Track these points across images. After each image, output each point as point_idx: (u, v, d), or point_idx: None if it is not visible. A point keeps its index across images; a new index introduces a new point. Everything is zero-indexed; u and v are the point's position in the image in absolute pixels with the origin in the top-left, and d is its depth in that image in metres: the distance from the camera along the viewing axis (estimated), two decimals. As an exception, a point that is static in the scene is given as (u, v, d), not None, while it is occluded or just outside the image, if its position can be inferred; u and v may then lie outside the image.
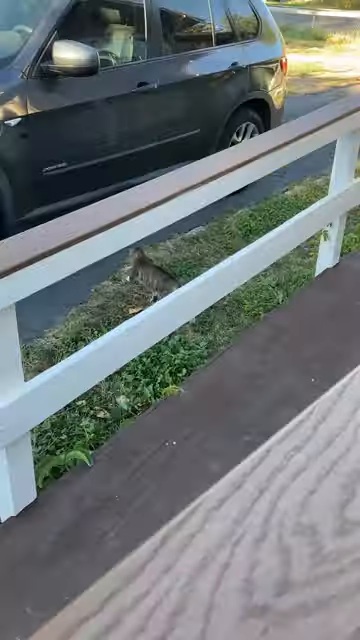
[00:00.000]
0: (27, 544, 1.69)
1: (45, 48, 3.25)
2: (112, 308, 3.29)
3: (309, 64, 11.40)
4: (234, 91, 4.51)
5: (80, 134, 3.53)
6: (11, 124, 3.13)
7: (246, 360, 2.42)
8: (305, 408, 1.87)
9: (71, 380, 1.73)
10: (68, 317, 3.19)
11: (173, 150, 4.19)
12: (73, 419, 2.41)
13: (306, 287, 2.97)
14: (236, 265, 2.28)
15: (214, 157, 2.07)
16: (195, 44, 4.32)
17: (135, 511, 1.78)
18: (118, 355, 1.87)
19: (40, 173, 3.36)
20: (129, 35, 3.87)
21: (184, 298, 2.07)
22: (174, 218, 1.87)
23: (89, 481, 1.88)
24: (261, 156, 2.13)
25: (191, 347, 2.92)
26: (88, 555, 1.66)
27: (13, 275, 1.42)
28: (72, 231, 1.55)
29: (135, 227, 1.71)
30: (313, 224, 2.70)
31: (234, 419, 2.12)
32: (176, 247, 4.02)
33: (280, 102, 5.07)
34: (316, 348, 2.50)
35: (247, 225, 4.33)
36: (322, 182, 5.28)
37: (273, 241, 2.45)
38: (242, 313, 3.29)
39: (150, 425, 2.10)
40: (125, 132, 3.79)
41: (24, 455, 1.71)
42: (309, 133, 2.35)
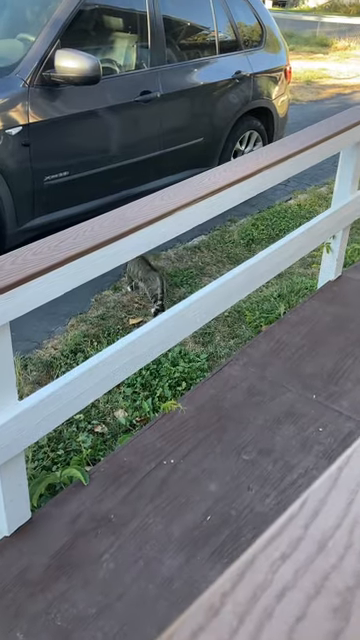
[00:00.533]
0: (20, 566, 1.65)
1: (47, 56, 3.23)
2: (112, 318, 3.27)
3: (314, 71, 11.39)
4: (238, 99, 4.49)
5: (82, 143, 3.51)
6: (12, 133, 3.11)
7: (246, 375, 2.39)
8: (305, 426, 1.83)
9: (67, 398, 1.70)
10: (68, 328, 3.16)
11: (176, 159, 4.17)
12: (70, 434, 2.38)
13: (308, 299, 2.93)
14: (238, 278, 2.25)
15: (216, 170, 2.04)
16: (199, 52, 4.30)
17: (131, 532, 1.75)
18: (116, 372, 1.84)
19: (41, 182, 3.34)
20: (132, 43, 3.85)
21: (185, 312, 2.04)
22: (174, 234, 1.84)
23: (85, 500, 1.85)
24: (264, 169, 2.10)
25: (191, 360, 2.89)
26: (82, 578, 1.63)
27: (6, 295, 1.39)
28: (67, 249, 1.52)
29: (133, 243, 1.68)
30: (316, 237, 2.66)
31: (233, 437, 2.09)
32: (178, 256, 4.00)
33: (284, 110, 5.05)
34: (317, 363, 2.47)
35: (249, 234, 4.30)
36: (326, 191, 5.25)
37: (275, 254, 2.42)
38: (243, 324, 3.25)
39: (148, 442, 2.06)
40: (127, 141, 3.77)
41: (18, 474, 1.68)
42: (313, 146, 2.32)
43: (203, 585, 1.61)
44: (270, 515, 1.81)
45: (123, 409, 2.55)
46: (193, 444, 2.06)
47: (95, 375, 1.76)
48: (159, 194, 1.85)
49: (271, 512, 1.82)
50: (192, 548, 1.72)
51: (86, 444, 2.30)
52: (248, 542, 1.73)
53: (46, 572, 1.64)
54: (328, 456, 2.02)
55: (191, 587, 1.61)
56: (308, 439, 2.09)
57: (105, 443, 2.38)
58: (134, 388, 2.66)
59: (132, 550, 1.70)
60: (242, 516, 1.81)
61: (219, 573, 1.64)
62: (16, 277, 1.41)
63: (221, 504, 1.85)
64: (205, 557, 1.69)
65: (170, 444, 2.06)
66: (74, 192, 3.56)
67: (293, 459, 2.01)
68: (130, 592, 1.59)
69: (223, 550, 1.71)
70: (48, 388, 1.66)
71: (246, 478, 1.94)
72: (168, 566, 1.67)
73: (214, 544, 1.73)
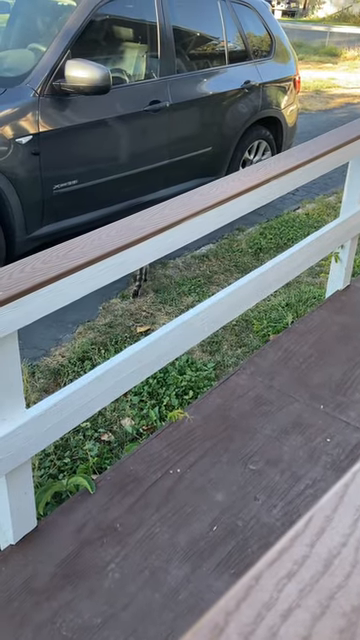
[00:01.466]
0: (26, 574, 1.65)
1: (58, 66, 3.26)
2: (120, 326, 3.27)
3: (323, 80, 11.42)
4: (247, 109, 4.50)
5: (91, 152, 3.53)
6: (22, 142, 3.14)
7: (253, 384, 2.38)
8: (313, 436, 1.82)
9: (74, 406, 1.70)
10: (75, 335, 3.17)
11: (184, 168, 4.19)
12: (77, 442, 2.38)
13: (316, 309, 2.93)
14: (246, 288, 2.25)
15: (225, 180, 2.05)
16: (208, 62, 4.33)
17: (137, 542, 1.74)
18: (123, 381, 1.84)
19: (50, 190, 3.36)
20: (142, 53, 3.88)
21: (192, 322, 2.04)
22: (182, 243, 1.84)
23: (91, 509, 1.85)
24: (273, 179, 2.11)
25: (198, 368, 2.88)
26: (88, 587, 1.62)
27: (15, 303, 1.40)
28: (75, 257, 1.53)
29: (141, 252, 1.69)
30: (324, 246, 2.66)
31: (240, 446, 2.08)
32: (186, 265, 4.00)
33: (293, 120, 5.06)
34: (325, 373, 2.46)
35: (258, 243, 4.30)
36: (334, 200, 5.25)
37: (284, 264, 2.42)
38: (251, 333, 3.25)
39: (154, 451, 2.06)
40: (136, 150, 3.79)
41: (25, 483, 1.68)
42: (321, 156, 2.32)
43: (208, 596, 1.60)
44: (277, 526, 1.80)
45: (130, 417, 2.55)
46: (200, 453, 2.05)
47: (102, 384, 1.76)
48: (168, 203, 1.85)
49: (278, 523, 1.81)
50: (198, 558, 1.71)
51: (93, 452, 2.30)
52: (254, 553, 1.72)
53: (52, 581, 1.64)
54: (336, 467, 2.01)
55: (197, 598, 1.60)
56: (315, 450, 2.08)
57: (112, 451, 2.38)
58: (141, 396, 2.66)
59: (138, 560, 1.70)
60: (248, 527, 1.80)
61: (225, 584, 1.63)
62: (24, 285, 1.42)
63: (227, 514, 1.84)
64: (211, 568, 1.68)
65: (177, 453, 2.06)
66: (83, 200, 3.58)
67: (300, 470, 2.00)
68: (135, 602, 1.59)
69: (229, 561, 1.70)
70: (55, 396, 1.66)
71: (253, 488, 1.93)
72: (174, 576, 1.66)
73: (220, 555, 1.72)
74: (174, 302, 3.55)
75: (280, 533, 1.78)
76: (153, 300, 3.57)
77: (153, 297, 3.60)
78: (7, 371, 1.48)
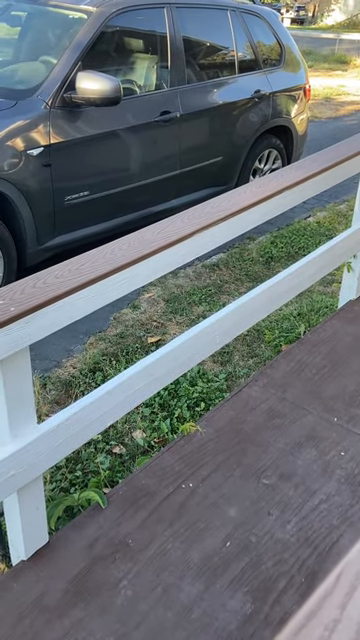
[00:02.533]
0: (37, 591, 1.64)
1: (68, 79, 3.28)
2: (131, 337, 3.26)
3: (332, 88, 11.42)
4: (257, 118, 4.50)
5: (102, 163, 3.54)
6: (33, 153, 3.15)
7: (266, 397, 2.36)
8: (327, 449, 1.78)
9: (85, 421, 1.69)
10: (86, 346, 3.17)
11: (195, 177, 4.19)
12: (88, 454, 2.37)
13: (329, 319, 2.90)
14: (258, 299, 2.23)
15: (236, 192, 2.04)
16: (218, 72, 4.34)
17: (149, 558, 1.73)
18: (134, 394, 1.82)
19: (62, 202, 3.37)
20: (152, 64, 3.89)
21: (203, 334, 2.03)
22: (194, 255, 1.83)
23: (102, 524, 1.83)
24: (284, 190, 2.09)
25: (210, 380, 2.87)
26: (99, 605, 1.60)
27: (27, 318, 1.39)
28: (88, 272, 1.52)
29: (152, 266, 1.68)
30: (336, 256, 2.64)
31: (253, 460, 2.06)
32: (197, 274, 3.99)
33: (303, 129, 5.05)
34: (338, 385, 2.43)
35: (268, 252, 4.29)
36: (345, 208, 5.23)
37: (296, 274, 2.40)
38: (263, 344, 3.23)
39: (166, 465, 2.04)
40: (147, 160, 3.79)
41: (36, 498, 1.67)
42: (332, 167, 2.30)
43: (222, 615, 1.58)
44: (291, 542, 1.78)
45: (141, 430, 2.54)
46: (212, 467, 2.03)
47: (113, 398, 1.75)
48: (179, 216, 1.84)
49: (292, 539, 1.79)
50: (211, 575, 1.69)
51: (104, 466, 2.28)
52: (268, 570, 1.70)
53: (63, 598, 1.62)
54: (350, 482, 1.98)
55: (210, 617, 1.57)
56: (330, 464, 2.05)
57: (123, 464, 2.36)
58: (152, 408, 2.64)
59: (150, 576, 1.68)
60: (262, 542, 1.78)
61: (239, 603, 1.61)
62: (37, 301, 1.41)
63: (241, 530, 1.81)
64: (224, 585, 1.66)
65: (189, 467, 2.04)
66: (94, 211, 3.58)
67: (314, 484, 1.97)
68: (148, 620, 1.57)
69: (243, 578, 1.68)
70: (66, 411, 1.65)
71: (266, 503, 1.91)
72: (187, 593, 1.64)
73: (234, 571, 1.70)
74: (185, 312, 3.53)
75: (295, 549, 1.76)
76: (164, 310, 3.56)
77: (164, 307, 3.59)
78: (19, 386, 1.47)
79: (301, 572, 1.69)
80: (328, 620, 0.38)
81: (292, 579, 1.67)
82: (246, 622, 1.57)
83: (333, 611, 0.39)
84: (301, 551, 1.75)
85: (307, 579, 1.67)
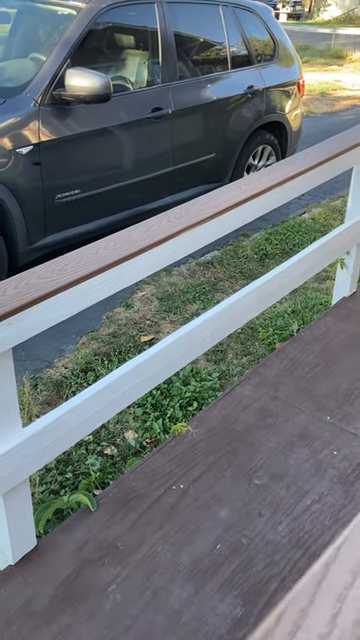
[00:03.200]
0: (25, 596, 1.61)
1: (58, 76, 3.24)
2: (124, 336, 3.24)
3: (328, 82, 11.37)
4: (250, 114, 4.47)
5: (93, 161, 3.50)
6: (23, 152, 3.12)
7: (258, 396, 2.33)
8: (319, 449, 1.75)
9: (73, 423, 1.66)
10: (78, 346, 3.14)
11: (188, 175, 4.16)
12: (79, 456, 2.34)
13: (322, 316, 2.88)
14: (250, 296, 2.21)
15: (225, 189, 2.01)
16: (210, 68, 4.30)
17: (138, 561, 1.70)
18: (124, 395, 1.80)
19: (52, 200, 3.33)
20: (143, 60, 3.85)
21: (195, 332, 2.00)
22: (182, 254, 1.80)
23: (92, 527, 1.81)
24: (275, 187, 2.07)
25: (203, 378, 2.84)
26: (88, 610, 1.58)
27: (8, 320, 1.36)
28: (71, 272, 1.50)
29: (139, 265, 1.65)
30: (329, 253, 2.61)
31: (244, 460, 2.04)
32: (190, 272, 3.97)
33: (297, 124, 5.02)
34: (331, 383, 2.41)
35: (263, 249, 4.26)
36: (340, 204, 5.20)
37: (288, 271, 2.38)
38: (256, 341, 3.21)
39: (157, 466, 2.02)
40: (139, 158, 3.76)
41: (23, 502, 1.64)
42: (324, 162, 2.27)
43: (212, 619, 1.56)
44: (282, 543, 1.75)
45: (133, 430, 2.51)
46: (203, 468, 2.01)
47: (102, 399, 1.73)
48: (166, 214, 1.82)
49: (284, 540, 1.77)
50: (201, 578, 1.66)
51: (95, 467, 2.26)
52: (259, 572, 1.68)
53: (51, 603, 1.60)
54: (343, 481, 1.96)
55: (200, 621, 1.55)
56: (322, 463, 2.03)
57: (114, 465, 2.34)
58: (144, 408, 2.62)
59: (139, 580, 1.66)
60: (253, 544, 1.76)
61: (229, 606, 1.59)
62: (18, 302, 1.38)
63: (232, 532, 1.79)
64: (215, 588, 1.64)
65: (180, 468, 2.01)
66: (86, 210, 3.55)
67: (306, 484, 1.95)
68: (137, 625, 1.54)
69: (233, 581, 1.66)
70: (53, 414, 1.62)
71: (257, 504, 1.88)
72: (176, 597, 1.62)
73: (224, 574, 1.67)
74: (179, 310, 3.51)
75: (286, 551, 1.73)
76: (157, 308, 3.53)
77: (157, 305, 3.56)
78: (2, 391, 1.45)
79: (292, 574, 1.67)
80: (322, 622, 0.35)
81: (283, 581, 1.65)
82: (236, 626, 1.55)
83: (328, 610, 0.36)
84: (292, 553, 1.73)
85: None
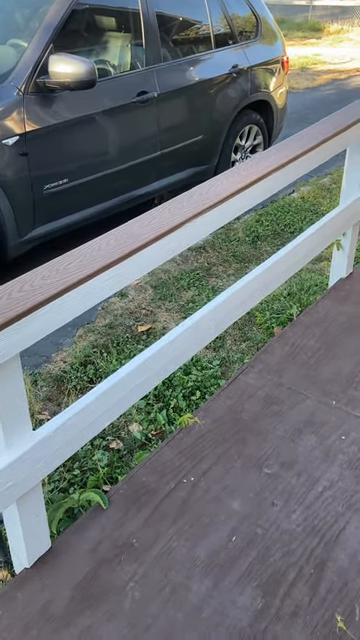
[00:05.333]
0: (42, 599, 1.60)
1: (41, 62, 3.16)
2: (120, 327, 3.20)
3: (308, 57, 11.26)
4: (236, 94, 4.40)
5: (81, 148, 3.43)
6: (9, 143, 3.04)
7: (262, 383, 2.32)
8: (327, 434, 1.76)
9: (82, 425, 1.64)
10: (76, 339, 3.10)
11: (176, 158, 4.10)
12: (85, 452, 2.32)
13: (320, 299, 2.86)
14: (250, 285, 2.18)
15: (223, 177, 1.97)
16: (194, 48, 4.21)
17: (155, 558, 1.69)
18: (130, 393, 1.77)
19: (41, 191, 3.27)
20: (126, 43, 3.76)
21: (198, 325, 1.98)
22: (184, 246, 1.77)
23: (105, 525, 1.79)
24: (274, 171, 2.03)
25: (204, 367, 2.83)
26: (107, 610, 1.57)
27: (15, 325, 1.33)
28: (76, 271, 1.46)
29: (143, 260, 1.62)
30: (326, 235, 2.59)
31: (253, 450, 2.03)
32: (183, 258, 3.93)
33: (283, 102, 4.96)
34: (334, 367, 2.40)
35: (254, 231, 4.23)
36: (329, 182, 5.17)
37: (287, 257, 2.35)
38: (254, 326, 3.19)
39: (166, 459, 2.00)
40: (126, 143, 3.69)
41: (36, 505, 1.62)
42: (318, 145, 2.24)
43: (233, 612, 1.56)
44: (298, 532, 1.75)
45: (137, 423, 2.50)
46: (213, 460, 2.00)
47: (109, 398, 1.70)
48: (166, 205, 1.78)
49: (299, 529, 1.77)
50: (219, 572, 1.66)
51: (102, 462, 2.24)
52: (277, 562, 1.68)
53: (70, 605, 1.59)
54: (353, 466, 1.96)
55: (221, 615, 1.55)
56: (331, 448, 2.03)
57: (121, 459, 2.32)
58: (147, 400, 2.60)
59: (157, 577, 1.65)
60: (269, 534, 1.75)
61: (249, 598, 1.59)
62: (25, 305, 1.35)
63: (246, 523, 1.79)
64: (233, 581, 1.64)
65: (189, 461, 2.00)
66: (75, 199, 3.49)
67: (317, 471, 1.95)
68: (157, 623, 1.54)
69: (252, 572, 1.66)
70: (62, 416, 1.60)
71: (270, 493, 1.88)
72: (195, 592, 1.61)
73: (242, 566, 1.67)
74: (174, 298, 3.48)
75: (302, 539, 1.73)
76: (152, 297, 3.50)
77: (152, 294, 3.53)
78: (11, 395, 1.42)
79: (310, 562, 1.67)
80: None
81: (301, 570, 1.65)
82: (257, 618, 1.55)
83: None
84: (308, 541, 1.73)
85: (316, 569, 1.65)
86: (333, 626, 1.52)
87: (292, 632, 1.51)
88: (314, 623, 1.53)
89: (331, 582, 1.62)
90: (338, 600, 1.58)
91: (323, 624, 1.53)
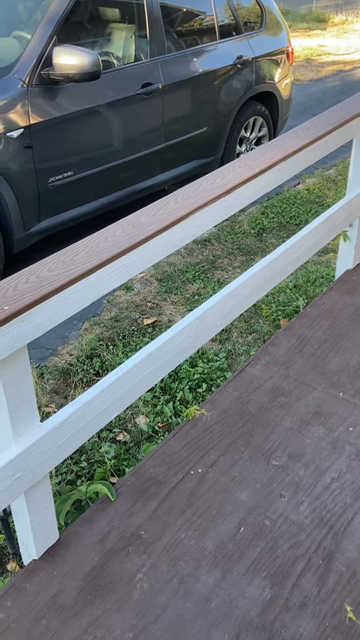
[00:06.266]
0: (51, 590, 1.61)
1: (45, 54, 3.14)
2: (126, 319, 3.20)
3: (312, 48, 11.17)
4: (241, 85, 4.37)
5: (85, 141, 3.42)
6: (14, 135, 3.03)
7: (269, 375, 2.32)
8: (334, 426, 1.75)
9: (89, 416, 1.64)
10: (82, 332, 3.10)
11: (181, 150, 4.08)
12: (92, 444, 2.33)
13: (327, 290, 2.85)
14: (256, 277, 2.18)
15: (230, 167, 1.96)
16: (198, 39, 4.19)
17: (163, 549, 1.70)
18: (137, 385, 1.77)
19: (46, 184, 3.26)
20: (130, 34, 3.74)
21: (204, 318, 1.97)
22: (190, 237, 1.76)
23: (113, 516, 1.80)
24: (280, 162, 2.01)
25: (210, 359, 2.82)
26: (116, 600, 1.58)
27: (22, 316, 1.32)
28: (82, 262, 1.45)
29: (149, 251, 1.61)
30: (333, 227, 2.58)
31: (261, 441, 2.02)
32: (188, 251, 3.92)
33: (288, 93, 4.93)
34: (342, 358, 2.40)
35: (260, 223, 4.21)
36: (334, 173, 5.14)
37: (293, 249, 2.34)
38: (260, 319, 3.18)
39: (173, 451, 2.00)
40: (131, 135, 3.67)
41: (44, 497, 1.62)
42: (325, 135, 2.22)
43: (242, 602, 1.56)
44: (306, 523, 1.75)
45: (144, 415, 2.50)
46: (220, 451, 2.00)
47: (116, 390, 1.70)
48: (173, 196, 1.77)
49: (307, 520, 1.76)
50: (227, 562, 1.66)
51: (109, 455, 2.25)
52: (285, 554, 1.68)
53: (79, 596, 1.59)
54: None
55: (229, 605, 1.55)
56: (339, 440, 2.03)
57: (128, 452, 2.33)
58: (154, 392, 2.60)
59: (165, 568, 1.65)
60: (277, 526, 1.75)
61: (257, 589, 1.59)
62: (32, 297, 1.34)
63: (254, 514, 1.79)
64: (242, 572, 1.64)
65: (196, 452, 2.00)
66: (80, 192, 3.48)
67: (325, 462, 1.95)
68: (166, 613, 1.54)
69: (260, 563, 1.65)
70: (69, 407, 1.60)
71: (277, 485, 1.88)
72: (204, 583, 1.61)
73: (250, 557, 1.67)
74: (179, 290, 3.47)
75: (310, 531, 1.73)
76: (157, 290, 3.49)
77: (157, 287, 3.52)
78: (19, 387, 1.42)
79: (318, 553, 1.67)
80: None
81: (310, 561, 1.65)
82: (266, 608, 1.55)
83: None
84: (316, 532, 1.73)
85: (325, 560, 1.65)
86: (342, 616, 1.52)
87: (301, 622, 1.51)
88: (323, 613, 1.53)
89: (340, 573, 1.62)
90: (347, 590, 1.58)
91: (332, 614, 1.53)
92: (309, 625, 1.50)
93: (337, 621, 1.51)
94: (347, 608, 1.53)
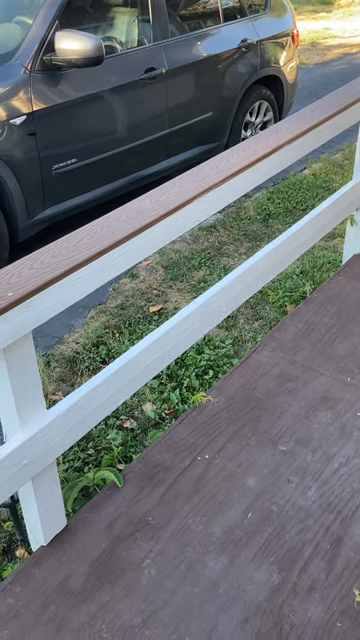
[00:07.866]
0: (60, 576, 1.61)
1: (47, 39, 3.11)
2: (132, 307, 3.19)
3: (318, 31, 11.02)
4: (245, 69, 4.32)
5: (89, 127, 3.39)
6: (16, 123, 3.01)
7: (276, 361, 2.30)
8: (342, 411, 1.73)
9: (95, 403, 1.63)
10: (88, 320, 3.10)
11: (186, 136, 4.05)
12: (99, 431, 2.33)
13: (334, 275, 2.83)
14: (263, 262, 2.16)
15: (235, 150, 1.93)
16: (202, 23, 4.13)
17: (171, 535, 1.70)
18: (143, 372, 1.77)
19: (50, 171, 3.24)
20: (133, 18, 3.70)
21: (210, 304, 1.96)
22: (195, 222, 1.74)
23: (120, 503, 1.80)
24: (285, 145, 1.99)
25: (216, 346, 2.81)
26: (124, 586, 1.58)
27: (26, 303, 1.32)
28: (86, 248, 1.44)
29: (154, 237, 1.60)
30: (340, 211, 2.55)
31: (268, 427, 2.02)
32: (194, 237, 3.90)
33: (293, 77, 4.87)
34: (349, 343, 2.38)
35: (266, 209, 4.18)
36: (340, 158, 5.08)
37: (300, 233, 2.32)
38: (267, 305, 3.16)
39: (180, 437, 2.00)
40: (135, 121, 3.64)
41: (52, 484, 1.62)
42: (330, 117, 2.19)
43: (250, 587, 1.56)
44: (313, 509, 1.75)
45: (151, 402, 2.49)
46: (227, 437, 1.99)
47: (122, 377, 1.69)
48: (177, 180, 1.75)
49: (314, 505, 1.76)
50: (235, 548, 1.66)
51: (116, 442, 2.25)
52: (292, 539, 1.67)
53: (87, 581, 1.60)
54: (369, 442, 1.94)
55: (237, 590, 1.55)
56: (346, 425, 2.02)
57: (135, 439, 2.33)
58: (160, 379, 2.59)
59: (173, 554, 1.65)
60: (284, 511, 1.75)
61: (265, 574, 1.59)
62: (36, 283, 1.33)
63: (261, 499, 1.78)
64: (249, 557, 1.63)
65: (203, 438, 2.00)
66: (84, 179, 3.46)
67: (332, 447, 1.94)
68: (175, 598, 1.54)
69: (267, 548, 1.65)
70: (75, 394, 1.59)
71: (285, 470, 1.87)
72: (211, 568, 1.61)
73: (258, 542, 1.67)
74: (185, 278, 3.45)
75: (318, 516, 1.73)
76: (163, 277, 3.48)
77: (163, 274, 3.51)
78: (25, 374, 1.41)
79: (326, 539, 1.67)
80: None
81: (318, 546, 1.65)
82: (274, 593, 1.55)
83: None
84: (324, 517, 1.72)
85: (333, 545, 1.65)
86: (350, 600, 1.52)
87: (309, 607, 1.51)
88: (331, 598, 1.53)
89: (348, 558, 1.62)
90: (355, 575, 1.57)
91: (340, 599, 1.52)
92: (317, 609, 1.50)
93: (345, 605, 1.51)
94: (355, 592, 1.53)
